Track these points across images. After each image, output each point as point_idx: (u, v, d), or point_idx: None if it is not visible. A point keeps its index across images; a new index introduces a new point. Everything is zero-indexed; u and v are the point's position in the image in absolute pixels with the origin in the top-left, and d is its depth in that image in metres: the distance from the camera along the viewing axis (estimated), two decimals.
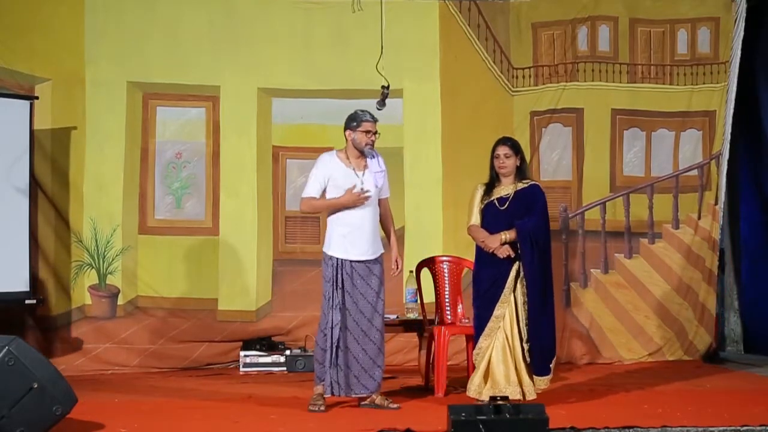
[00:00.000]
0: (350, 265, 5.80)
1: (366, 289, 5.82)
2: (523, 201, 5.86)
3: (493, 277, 5.83)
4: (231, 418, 5.55)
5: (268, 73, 8.29)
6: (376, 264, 5.88)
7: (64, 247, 7.89)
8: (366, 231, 5.84)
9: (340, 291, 5.78)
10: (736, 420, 5.10)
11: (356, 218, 5.82)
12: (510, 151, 5.90)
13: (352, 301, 5.78)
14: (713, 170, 8.46)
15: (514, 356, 5.76)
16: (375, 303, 5.83)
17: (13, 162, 7.39)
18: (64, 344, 7.76)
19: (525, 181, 5.96)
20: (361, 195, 5.75)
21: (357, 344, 5.77)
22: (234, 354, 7.99)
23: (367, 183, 5.86)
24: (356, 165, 5.89)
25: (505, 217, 5.84)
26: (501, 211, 5.86)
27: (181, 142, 8.25)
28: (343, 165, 5.88)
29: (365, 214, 5.85)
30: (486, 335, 5.79)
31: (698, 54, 8.55)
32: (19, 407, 4.52)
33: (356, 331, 5.78)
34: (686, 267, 8.41)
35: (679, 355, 8.26)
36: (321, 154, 6.03)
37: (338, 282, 5.79)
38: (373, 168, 5.92)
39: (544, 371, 5.79)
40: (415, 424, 5.03)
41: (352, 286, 5.79)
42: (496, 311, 5.79)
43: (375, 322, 5.82)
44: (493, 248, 5.80)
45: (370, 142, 5.88)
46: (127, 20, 8.12)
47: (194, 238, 8.17)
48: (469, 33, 8.44)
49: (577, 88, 8.48)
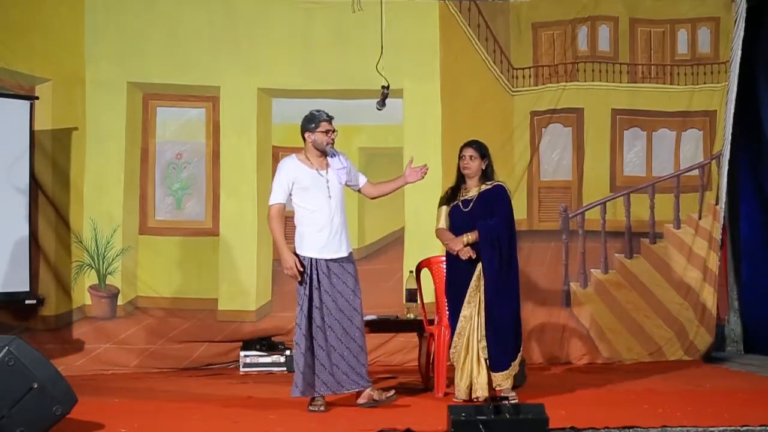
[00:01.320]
0: (326, 264, 5.81)
1: (343, 288, 5.83)
2: (487, 202, 6.02)
3: (459, 279, 6.01)
4: (231, 418, 5.56)
5: (268, 73, 8.29)
6: (350, 263, 5.91)
7: (64, 248, 7.89)
8: (336, 229, 5.86)
9: (317, 291, 5.77)
10: (736, 420, 5.10)
11: (325, 218, 5.83)
12: (475, 153, 6.09)
13: (331, 300, 5.78)
14: (714, 170, 8.46)
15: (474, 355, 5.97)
16: (353, 301, 5.84)
17: (13, 162, 7.39)
18: (64, 344, 7.75)
19: (489, 182, 6.10)
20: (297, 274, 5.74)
21: (341, 343, 5.77)
22: (234, 354, 7.99)
23: (332, 181, 5.89)
24: (318, 165, 5.91)
25: (469, 218, 6.00)
26: (465, 212, 6.04)
27: (181, 143, 8.25)
28: (306, 167, 5.90)
29: (334, 212, 5.86)
30: (458, 334, 6.01)
31: (698, 54, 8.55)
32: (19, 407, 4.52)
33: (338, 329, 5.77)
34: (687, 267, 8.41)
35: (679, 355, 8.26)
36: (282, 160, 6.04)
37: (314, 282, 5.78)
38: (335, 165, 5.95)
39: (501, 366, 5.92)
40: (415, 424, 5.03)
41: (329, 284, 5.79)
42: (464, 311, 5.99)
43: (355, 321, 5.83)
44: (456, 250, 5.97)
45: (330, 140, 5.90)
46: (127, 20, 8.12)
47: (194, 239, 8.17)
48: (469, 33, 8.44)
49: (577, 88, 8.48)
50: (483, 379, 5.96)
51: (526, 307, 8.20)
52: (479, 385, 5.97)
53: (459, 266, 6.03)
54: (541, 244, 8.37)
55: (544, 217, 8.44)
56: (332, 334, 5.76)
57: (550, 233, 8.41)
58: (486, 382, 5.97)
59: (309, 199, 5.85)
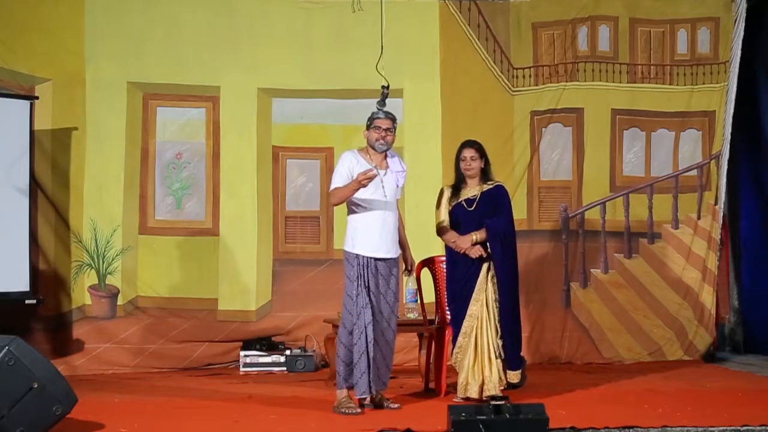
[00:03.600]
0: (374, 264, 5.77)
1: (386, 289, 5.80)
2: (491, 201, 6.10)
3: (465, 277, 6.04)
4: (231, 418, 5.55)
5: (268, 73, 8.29)
6: (396, 265, 5.88)
7: (64, 247, 7.89)
8: (388, 229, 5.81)
9: (365, 289, 5.72)
10: (736, 420, 5.10)
11: (378, 217, 5.78)
12: (476, 154, 6.17)
13: (375, 301, 5.75)
14: (713, 170, 8.47)
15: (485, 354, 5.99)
16: (393, 304, 5.83)
17: (13, 162, 7.39)
18: (64, 344, 7.75)
19: (490, 182, 6.21)
20: (368, 173, 5.56)
21: (376, 345, 5.74)
22: (234, 354, 7.99)
23: (388, 182, 5.84)
24: (377, 163, 5.85)
25: (474, 217, 6.07)
26: (470, 211, 6.09)
27: (181, 143, 8.25)
28: (365, 161, 5.84)
29: (387, 213, 5.81)
30: (464, 333, 6.03)
31: (698, 54, 8.55)
32: (19, 407, 4.52)
33: (376, 331, 5.74)
34: (686, 267, 8.41)
35: (679, 355, 8.26)
36: (343, 152, 6.00)
37: (364, 280, 5.73)
38: (395, 168, 5.92)
39: (518, 365, 6.08)
40: (415, 424, 5.03)
41: (375, 285, 5.76)
42: (470, 310, 6.01)
43: (392, 323, 5.83)
44: (464, 249, 6.02)
45: (380, 137, 5.84)
46: (127, 20, 8.12)
47: (194, 239, 8.17)
48: (469, 33, 8.44)
49: (577, 88, 8.48)
50: (495, 377, 5.98)
51: (527, 307, 8.22)
52: (492, 384, 5.96)
53: (462, 265, 6.04)
54: (541, 244, 8.38)
55: (544, 217, 8.44)
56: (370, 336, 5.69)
57: (550, 233, 8.41)
58: (498, 380, 5.98)
59: (365, 196, 5.77)
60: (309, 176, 8.26)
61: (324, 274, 8.20)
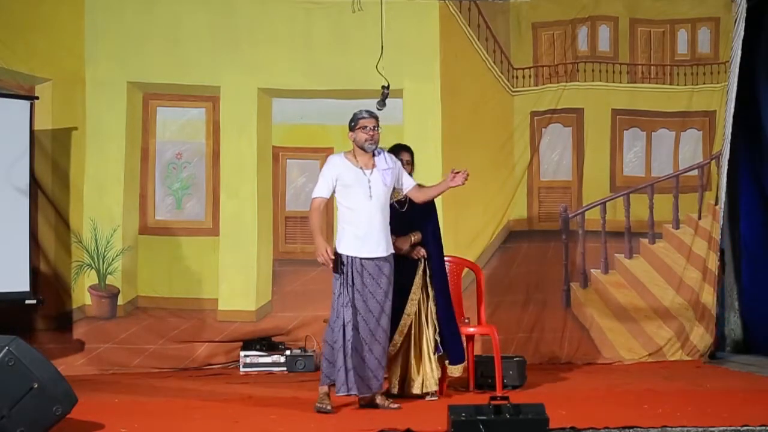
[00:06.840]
0: (360, 263, 5.80)
1: (375, 289, 5.81)
2: (420, 203, 6.24)
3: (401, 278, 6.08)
4: (231, 418, 5.55)
5: (268, 73, 8.29)
6: (386, 263, 5.88)
7: (64, 247, 7.89)
8: (375, 229, 5.84)
9: (350, 288, 5.76)
10: (736, 420, 5.10)
11: (364, 217, 5.82)
12: (410, 158, 6.42)
13: (361, 300, 5.77)
14: (713, 170, 8.46)
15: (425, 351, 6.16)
16: (383, 303, 5.83)
17: (13, 162, 7.39)
18: (64, 344, 7.75)
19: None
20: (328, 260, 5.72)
21: (364, 344, 5.76)
22: (234, 354, 7.99)
23: (375, 181, 5.87)
24: (364, 164, 5.90)
25: (406, 218, 6.22)
26: (403, 213, 6.23)
27: (182, 143, 8.25)
28: (351, 164, 5.89)
29: (373, 212, 5.84)
30: (400, 331, 6.14)
31: (698, 54, 8.55)
32: (19, 407, 4.52)
33: (364, 330, 5.76)
34: (687, 267, 8.41)
35: (679, 355, 8.26)
36: (329, 156, 6.05)
37: (349, 279, 5.78)
38: (381, 166, 5.94)
39: (459, 359, 6.26)
40: (415, 424, 5.03)
41: (362, 284, 5.78)
42: (407, 309, 6.16)
43: (382, 323, 5.83)
44: (404, 249, 6.18)
45: (368, 137, 5.88)
46: (127, 20, 8.12)
47: (194, 239, 8.17)
48: (469, 33, 8.44)
49: (577, 88, 8.48)
50: (437, 373, 6.15)
51: (527, 307, 8.22)
52: (433, 380, 6.14)
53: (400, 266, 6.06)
54: (541, 244, 8.38)
55: (544, 217, 8.44)
56: (358, 335, 5.73)
57: (550, 233, 8.41)
58: (438, 376, 6.17)
59: (350, 198, 5.85)
60: (309, 176, 8.25)
61: (324, 274, 8.11)
